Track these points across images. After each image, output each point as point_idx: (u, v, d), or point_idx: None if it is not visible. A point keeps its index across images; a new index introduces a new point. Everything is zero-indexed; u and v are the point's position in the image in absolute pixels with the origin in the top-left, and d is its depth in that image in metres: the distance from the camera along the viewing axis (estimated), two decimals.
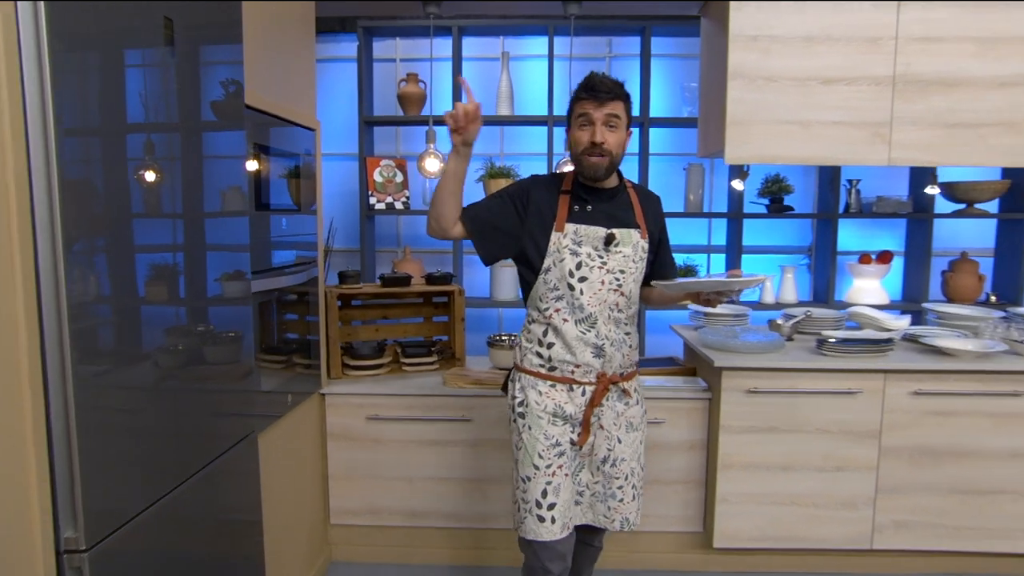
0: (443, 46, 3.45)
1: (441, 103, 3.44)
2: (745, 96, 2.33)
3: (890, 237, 3.77)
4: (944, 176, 3.41)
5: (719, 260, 3.68)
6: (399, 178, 3.49)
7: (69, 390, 1.14)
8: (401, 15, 3.05)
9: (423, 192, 3.66)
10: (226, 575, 1.68)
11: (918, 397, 2.33)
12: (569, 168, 2.10)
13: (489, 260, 1.80)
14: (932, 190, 3.15)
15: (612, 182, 1.79)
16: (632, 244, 1.75)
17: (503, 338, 2.74)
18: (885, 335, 2.40)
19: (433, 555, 2.57)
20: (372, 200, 3.45)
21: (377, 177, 3.47)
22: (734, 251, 3.49)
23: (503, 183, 3.16)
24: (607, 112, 1.65)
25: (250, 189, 1.84)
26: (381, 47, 3.66)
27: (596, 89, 1.66)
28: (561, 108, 3.26)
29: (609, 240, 1.71)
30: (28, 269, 1.10)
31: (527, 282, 1.80)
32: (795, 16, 2.30)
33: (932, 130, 2.34)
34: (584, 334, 1.72)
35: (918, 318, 3.29)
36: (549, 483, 1.73)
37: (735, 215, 3.43)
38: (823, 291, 3.56)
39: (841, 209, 3.46)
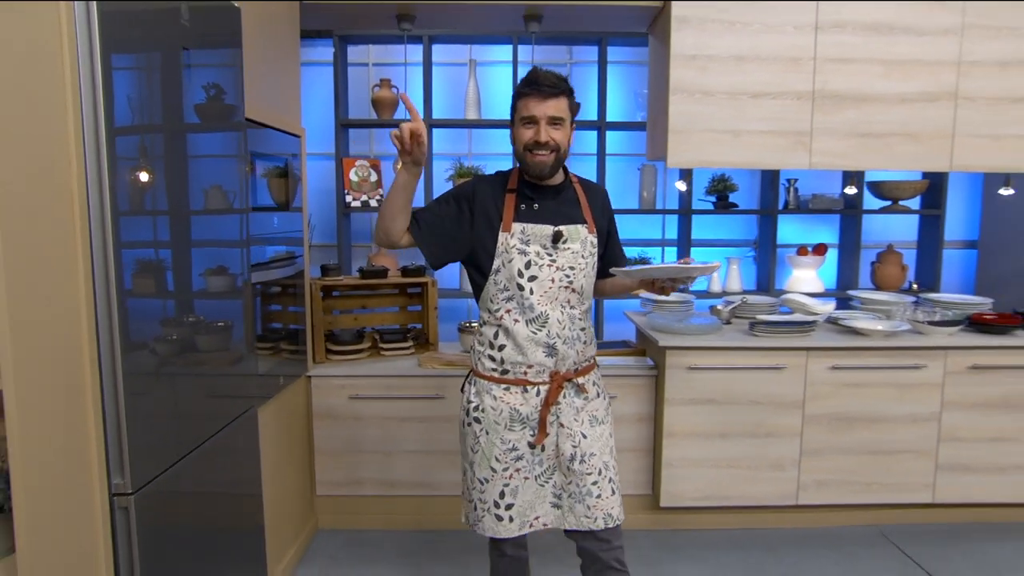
0: (414, 51, 3.73)
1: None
2: (685, 108, 2.67)
3: (828, 231, 4.18)
4: (873, 176, 3.83)
5: (672, 253, 4.04)
6: (373, 177, 3.75)
7: (119, 376, 1.42)
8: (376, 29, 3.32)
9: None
10: (234, 531, 1.96)
11: (835, 371, 2.71)
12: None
13: (437, 264, 1.79)
14: (851, 190, 3.54)
15: (558, 178, 1.79)
16: (580, 240, 1.75)
17: (472, 325, 3.04)
18: (810, 318, 2.77)
19: (410, 521, 2.88)
20: (348, 198, 3.71)
21: (353, 176, 3.73)
22: (684, 244, 3.85)
23: None
24: (551, 112, 1.65)
25: (243, 189, 2.10)
26: (355, 52, 3.91)
27: (539, 83, 1.64)
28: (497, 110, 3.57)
29: (557, 237, 1.72)
30: (88, 271, 1.37)
31: (477, 284, 1.80)
32: (728, 38, 2.65)
33: (846, 139, 2.72)
34: (535, 334, 1.72)
35: (849, 304, 3.69)
36: (507, 485, 1.76)
37: (684, 211, 3.78)
38: (765, 280, 3.95)
39: (781, 206, 3.84)
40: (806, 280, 3.91)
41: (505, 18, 2.89)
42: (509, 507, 1.77)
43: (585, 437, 1.78)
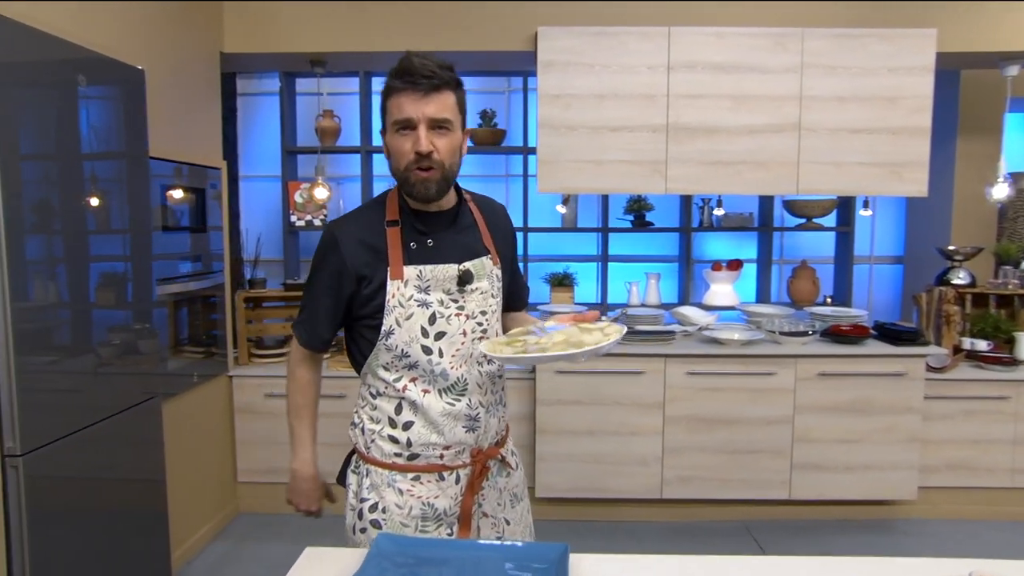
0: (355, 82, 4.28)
1: (352, 135, 4.26)
2: (551, 141, 3.14)
3: (752, 248, 4.55)
4: (789, 196, 4.20)
5: (588, 267, 4.46)
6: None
7: (11, 361, 1.94)
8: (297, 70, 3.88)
9: (339, 210, 4.48)
10: (133, 506, 2.48)
11: (692, 376, 3.11)
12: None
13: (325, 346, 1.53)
14: (719, 211, 3.94)
15: (449, 200, 1.44)
16: (487, 275, 1.44)
17: None
18: (667, 328, 3.18)
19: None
20: (293, 218, 4.27)
21: (297, 198, 4.29)
22: (603, 260, 4.28)
23: None
24: (432, 112, 1.30)
25: (148, 214, 2.64)
26: (306, 83, 4.48)
27: (414, 74, 1.28)
28: None
29: (465, 279, 1.40)
30: None
31: (358, 348, 1.47)
32: (589, 79, 3.10)
33: (698, 167, 3.14)
34: (452, 405, 1.40)
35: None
36: None
37: (603, 230, 4.22)
38: (689, 294, 4.34)
39: (696, 224, 4.24)
40: (722, 294, 4.28)
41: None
42: None
43: (508, 523, 1.52)
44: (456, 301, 1.40)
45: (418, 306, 1.38)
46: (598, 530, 3.21)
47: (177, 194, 2.91)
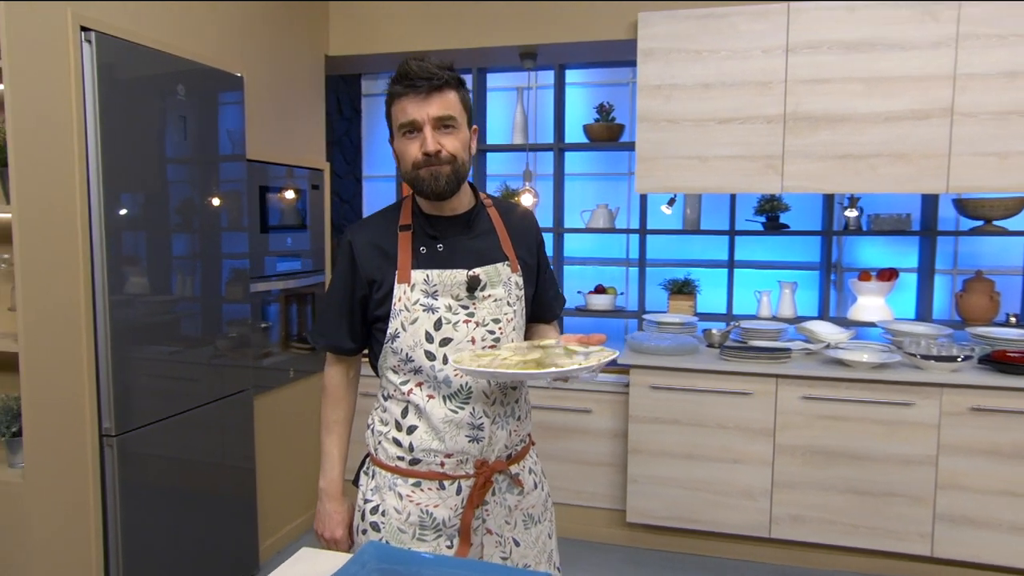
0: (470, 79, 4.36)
1: None
2: (651, 136, 2.97)
3: (913, 254, 4.03)
4: (961, 193, 3.66)
5: (716, 274, 4.18)
6: None
7: (109, 352, 2.19)
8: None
9: None
10: (222, 489, 2.70)
11: (808, 401, 2.81)
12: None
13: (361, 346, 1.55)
14: (851, 212, 3.48)
15: (465, 202, 1.47)
16: (503, 282, 1.45)
17: None
18: (779, 344, 2.90)
19: None
20: None
21: None
22: (729, 266, 4.00)
23: None
24: (436, 112, 1.34)
25: (249, 213, 2.87)
26: None
27: (413, 76, 1.33)
28: (574, 133, 3.98)
29: (473, 285, 1.42)
30: (87, 273, 2.17)
31: (374, 350, 1.52)
32: (694, 67, 2.90)
33: (822, 161, 2.82)
34: (455, 413, 1.41)
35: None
36: None
37: (729, 232, 3.94)
38: (832, 306, 3.94)
39: (841, 226, 3.83)
40: (871, 308, 3.83)
41: (505, 56, 3.41)
42: None
43: (518, 545, 1.50)
44: (466, 307, 1.43)
45: (423, 311, 1.41)
46: (694, 565, 3.00)
47: (288, 195, 3.14)
